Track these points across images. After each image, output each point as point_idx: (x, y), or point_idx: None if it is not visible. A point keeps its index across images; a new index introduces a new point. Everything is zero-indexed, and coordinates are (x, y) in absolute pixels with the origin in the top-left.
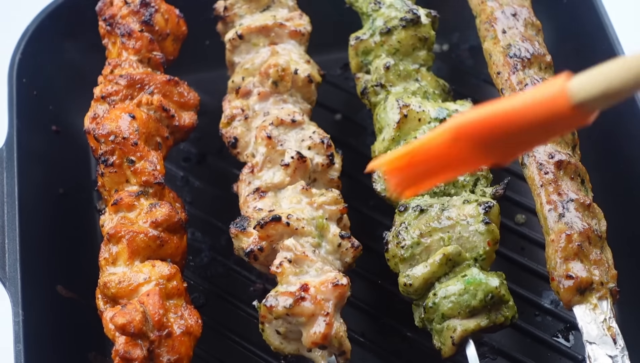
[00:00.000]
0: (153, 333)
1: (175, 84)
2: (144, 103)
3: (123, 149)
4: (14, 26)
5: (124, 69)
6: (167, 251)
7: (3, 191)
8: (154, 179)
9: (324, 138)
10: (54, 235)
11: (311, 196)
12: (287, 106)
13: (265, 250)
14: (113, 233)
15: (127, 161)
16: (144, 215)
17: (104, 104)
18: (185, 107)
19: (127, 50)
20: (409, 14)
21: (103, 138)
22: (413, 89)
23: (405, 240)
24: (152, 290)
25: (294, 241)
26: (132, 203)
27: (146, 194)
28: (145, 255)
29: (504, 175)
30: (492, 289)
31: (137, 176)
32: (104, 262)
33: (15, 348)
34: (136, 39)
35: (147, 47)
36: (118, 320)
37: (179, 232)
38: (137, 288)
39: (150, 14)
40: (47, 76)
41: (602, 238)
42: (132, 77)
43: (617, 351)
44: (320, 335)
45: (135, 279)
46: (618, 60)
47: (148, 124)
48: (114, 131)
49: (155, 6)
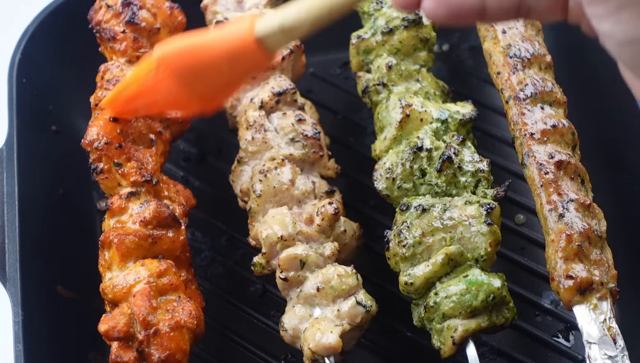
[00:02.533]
0: (141, 334)
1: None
2: None
3: (108, 154)
4: (14, 26)
5: (112, 73)
6: (162, 248)
7: (3, 191)
8: (142, 178)
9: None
10: (54, 235)
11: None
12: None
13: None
14: (103, 239)
15: (115, 165)
16: (134, 216)
17: (100, 111)
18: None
19: (116, 53)
20: (411, 15)
21: (88, 146)
22: (415, 89)
23: (407, 239)
24: (140, 290)
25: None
26: (122, 206)
27: (138, 195)
28: (139, 255)
29: (505, 176)
30: (494, 290)
31: (126, 178)
32: (101, 269)
33: (15, 348)
34: (120, 40)
35: (132, 47)
36: (101, 327)
37: (174, 226)
38: (129, 290)
39: (133, 12)
40: (47, 76)
41: (602, 238)
42: (118, 79)
43: (617, 351)
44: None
45: (127, 281)
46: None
47: (136, 123)
48: (96, 137)
49: (138, 3)
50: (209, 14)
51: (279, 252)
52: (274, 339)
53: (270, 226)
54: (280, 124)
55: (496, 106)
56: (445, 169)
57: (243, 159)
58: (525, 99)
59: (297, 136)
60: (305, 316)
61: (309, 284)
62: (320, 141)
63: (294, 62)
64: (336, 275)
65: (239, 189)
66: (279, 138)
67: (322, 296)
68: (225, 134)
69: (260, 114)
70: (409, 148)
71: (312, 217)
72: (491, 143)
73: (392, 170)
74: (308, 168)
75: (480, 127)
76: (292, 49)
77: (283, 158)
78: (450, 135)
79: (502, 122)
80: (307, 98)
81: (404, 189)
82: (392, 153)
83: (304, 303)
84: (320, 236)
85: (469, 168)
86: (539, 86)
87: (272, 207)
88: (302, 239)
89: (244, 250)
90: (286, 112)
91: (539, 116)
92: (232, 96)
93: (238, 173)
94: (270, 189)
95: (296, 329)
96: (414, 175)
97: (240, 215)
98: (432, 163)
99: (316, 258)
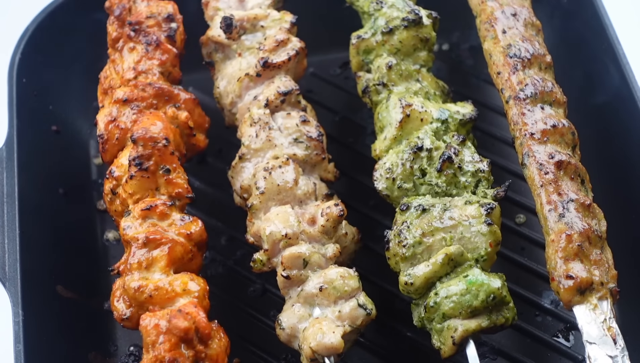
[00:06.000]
0: (199, 346)
1: (197, 103)
2: (170, 116)
3: (162, 156)
4: (14, 26)
5: (149, 77)
6: (192, 267)
7: (3, 191)
8: (186, 193)
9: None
10: (54, 234)
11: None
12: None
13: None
14: (152, 238)
15: (163, 169)
16: (177, 227)
17: (125, 108)
18: (201, 128)
19: (152, 59)
20: (411, 15)
21: (142, 140)
22: (415, 89)
23: (407, 239)
24: (193, 302)
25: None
26: (166, 212)
27: (175, 206)
28: (179, 267)
29: (505, 176)
30: (494, 290)
31: (169, 186)
32: (134, 266)
33: (15, 348)
34: (163, 51)
35: (172, 62)
36: (179, 324)
37: (203, 250)
38: (174, 298)
39: (174, 30)
40: (47, 76)
41: (602, 238)
42: (162, 88)
43: (617, 351)
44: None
45: (173, 288)
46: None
47: (176, 137)
48: (155, 136)
49: (178, 24)
50: (210, 10)
51: (282, 250)
52: (274, 339)
53: (273, 223)
54: (285, 123)
55: (496, 106)
56: (445, 169)
57: (245, 156)
58: (525, 99)
59: (301, 136)
60: (305, 316)
61: (311, 283)
62: (323, 143)
63: (297, 64)
64: (339, 276)
65: (239, 185)
66: (282, 137)
67: (323, 297)
68: (225, 134)
69: (265, 112)
70: (409, 147)
71: (315, 218)
72: (491, 143)
73: (392, 170)
74: (309, 169)
75: (480, 127)
76: (297, 50)
77: (287, 157)
78: (450, 135)
79: (502, 122)
80: (307, 98)
81: (404, 189)
82: (392, 153)
83: (304, 302)
84: (323, 237)
85: (469, 168)
86: (539, 86)
87: (275, 205)
88: (305, 239)
89: (243, 250)
90: (290, 113)
91: (539, 116)
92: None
93: (239, 170)
94: (274, 187)
95: (294, 328)
96: (414, 175)
97: (240, 215)
98: (432, 163)
99: (318, 258)
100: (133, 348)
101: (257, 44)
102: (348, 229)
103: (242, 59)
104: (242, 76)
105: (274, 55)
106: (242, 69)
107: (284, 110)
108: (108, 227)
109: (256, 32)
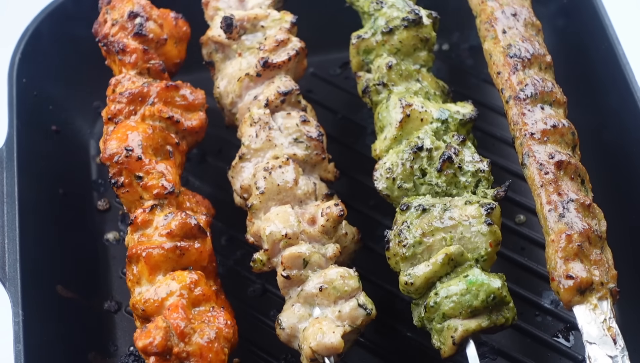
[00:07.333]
0: (179, 347)
1: (175, 88)
2: (148, 115)
3: (129, 167)
4: (14, 26)
5: (124, 86)
6: (190, 259)
7: (3, 191)
8: (164, 190)
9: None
10: (54, 235)
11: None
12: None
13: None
14: (130, 254)
15: (136, 178)
16: (159, 228)
17: (112, 125)
18: (191, 108)
19: (125, 66)
20: (411, 15)
21: (108, 160)
22: (415, 89)
23: (407, 239)
24: (174, 303)
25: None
26: (147, 219)
27: (161, 207)
28: (168, 268)
29: (505, 176)
30: (494, 290)
31: (148, 191)
32: (130, 284)
33: (15, 348)
34: (130, 52)
35: (142, 58)
36: (139, 344)
37: (200, 236)
38: (162, 303)
39: (141, 24)
40: (47, 76)
41: (602, 238)
42: (131, 92)
43: (617, 351)
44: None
45: (159, 294)
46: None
47: (153, 135)
48: (116, 151)
49: (145, 15)
50: (210, 10)
51: (282, 250)
52: (274, 339)
53: (274, 223)
54: (285, 123)
55: (496, 106)
56: (445, 169)
57: (245, 155)
58: (525, 99)
59: (301, 136)
60: (305, 316)
61: (311, 283)
62: (323, 143)
63: (297, 64)
64: (339, 276)
65: (239, 185)
66: (282, 137)
67: (323, 297)
68: (225, 134)
69: (265, 112)
70: (409, 147)
71: (315, 218)
72: (491, 143)
73: (393, 170)
74: (309, 169)
75: (480, 127)
76: (297, 50)
77: (287, 157)
78: (450, 135)
79: (502, 122)
80: (307, 98)
81: (404, 189)
82: (392, 153)
83: (304, 302)
84: (323, 237)
85: (469, 168)
86: (539, 86)
87: (275, 205)
88: (305, 239)
89: (243, 250)
90: (290, 113)
91: (539, 116)
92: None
93: (239, 169)
94: (274, 186)
95: (294, 328)
96: (414, 175)
97: (240, 215)
98: (432, 162)
99: (319, 258)
100: (133, 348)
101: (257, 44)
102: (348, 229)
103: (242, 59)
104: (242, 76)
105: (274, 55)
106: (242, 69)
107: (284, 110)
108: (108, 227)
109: (256, 32)
